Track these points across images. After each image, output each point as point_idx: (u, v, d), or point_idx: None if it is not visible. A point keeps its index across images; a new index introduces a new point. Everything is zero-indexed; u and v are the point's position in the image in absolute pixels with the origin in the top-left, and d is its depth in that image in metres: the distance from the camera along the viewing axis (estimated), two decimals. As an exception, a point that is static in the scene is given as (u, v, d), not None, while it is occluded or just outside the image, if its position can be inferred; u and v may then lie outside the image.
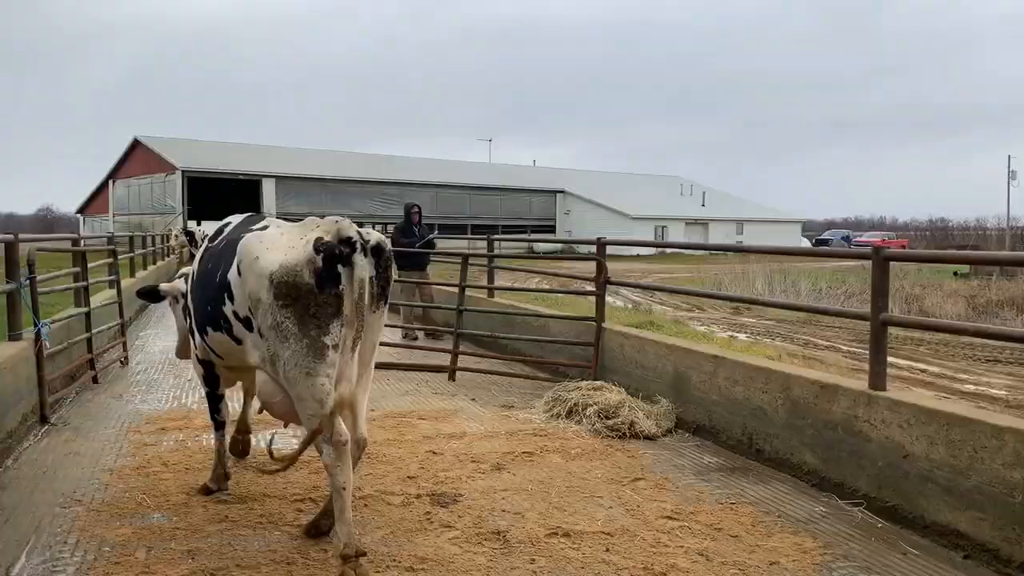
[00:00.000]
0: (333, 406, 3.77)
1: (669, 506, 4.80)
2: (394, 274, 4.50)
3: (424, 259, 11.89)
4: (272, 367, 4.02)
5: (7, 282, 6.40)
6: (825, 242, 61.50)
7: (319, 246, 3.80)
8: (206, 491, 4.88)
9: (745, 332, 15.73)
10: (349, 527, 3.83)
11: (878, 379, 4.88)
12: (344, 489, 3.85)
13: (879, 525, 4.57)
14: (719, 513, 4.71)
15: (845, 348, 14.01)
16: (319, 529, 4.32)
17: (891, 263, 5.11)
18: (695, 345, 6.90)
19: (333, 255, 3.79)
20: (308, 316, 3.80)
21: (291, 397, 3.99)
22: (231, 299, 4.15)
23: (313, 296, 3.78)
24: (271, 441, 4.88)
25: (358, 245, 3.80)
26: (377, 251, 3.95)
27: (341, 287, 3.78)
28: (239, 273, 4.05)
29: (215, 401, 4.97)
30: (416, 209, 12.04)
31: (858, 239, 61.61)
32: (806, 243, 65.39)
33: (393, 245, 10.59)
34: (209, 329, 4.41)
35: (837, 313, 7.28)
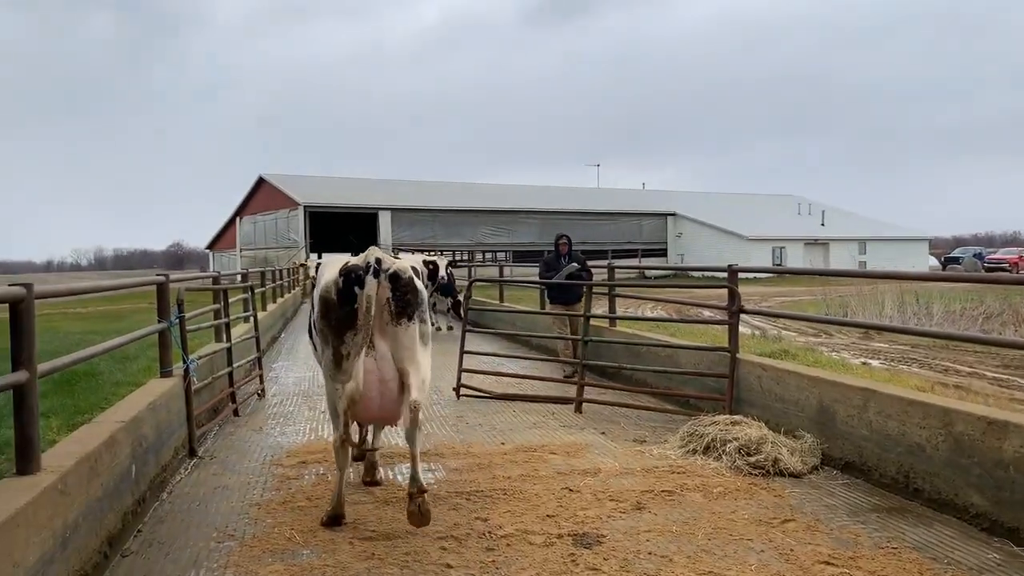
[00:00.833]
0: (345, 406, 4.76)
1: (825, 550, 4.55)
2: (417, 298, 4.99)
3: (571, 292, 11.03)
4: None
5: (159, 321, 6.72)
6: (955, 260, 58.21)
7: (343, 270, 4.80)
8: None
9: (878, 358, 14.98)
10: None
11: (1056, 416, 4.50)
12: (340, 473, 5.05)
13: (1065, 576, 4.20)
14: (881, 559, 4.42)
15: (990, 375, 13.13)
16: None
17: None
18: (841, 377, 6.57)
19: (350, 278, 4.77)
20: (333, 327, 4.79)
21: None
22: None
23: (336, 310, 4.77)
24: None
25: (371, 270, 4.72)
26: (394, 277, 4.84)
27: (356, 305, 4.69)
28: None
29: None
30: (563, 240, 11.42)
31: (991, 256, 58.05)
32: (934, 262, 62.25)
33: (540, 278, 10.73)
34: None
35: (1000, 343, 6.78)
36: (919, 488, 5.36)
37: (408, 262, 5.22)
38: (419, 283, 5.14)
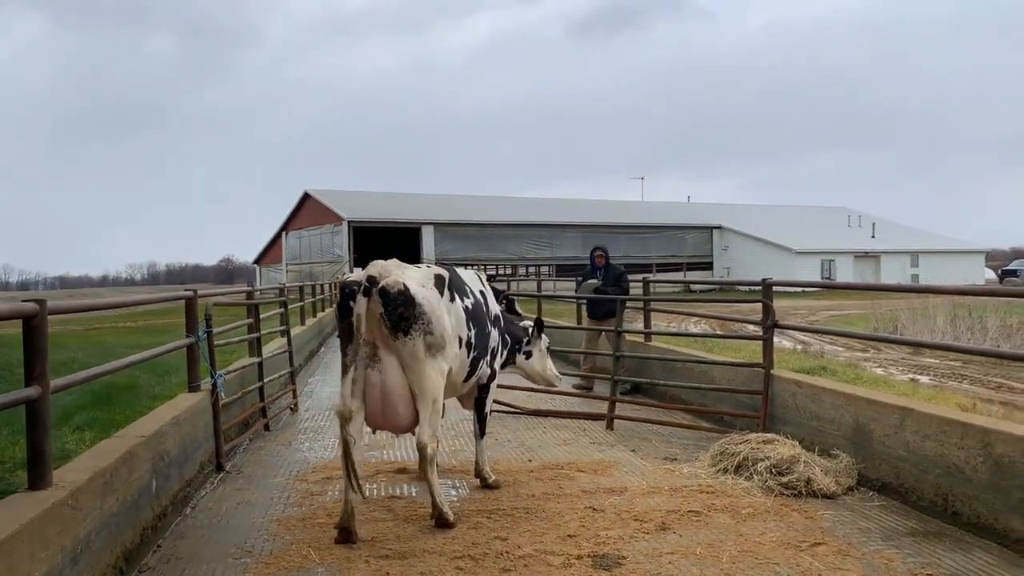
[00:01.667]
0: (341, 410, 5.00)
1: (855, 576, 4.36)
2: (414, 311, 5.02)
3: (601, 307, 10.76)
4: None
5: (187, 335, 6.77)
6: (1013, 272, 56.55)
7: (340, 285, 5.14)
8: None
9: (928, 374, 14.54)
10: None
11: (1102, 437, 4.27)
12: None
13: (1112, 609, 3.95)
14: (914, 587, 4.23)
15: (1046, 392, 12.64)
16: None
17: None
18: (877, 394, 6.34)
19: (344, 293, 5.04)
20: (340, 338, 5.15)
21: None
22: None
23: (338, 323, 5.13)
24: None
25: (361, 287, 4.93)
26: (383, 292, 4.96)
27: (351, 319, 4.94)
28: None
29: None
30: (599, 252, 11.16)
31: (1051, 268, 56.27)
32: (990, 274, 60.57)
33: (577, 289, 10.68)
34: None
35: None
36: (957, 511, 5.13)
37: (414, 275, 5.27)
38: (421, 296, 5.12)
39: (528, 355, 6.88)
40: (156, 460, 5.18)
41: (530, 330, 6.89)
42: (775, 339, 7.82)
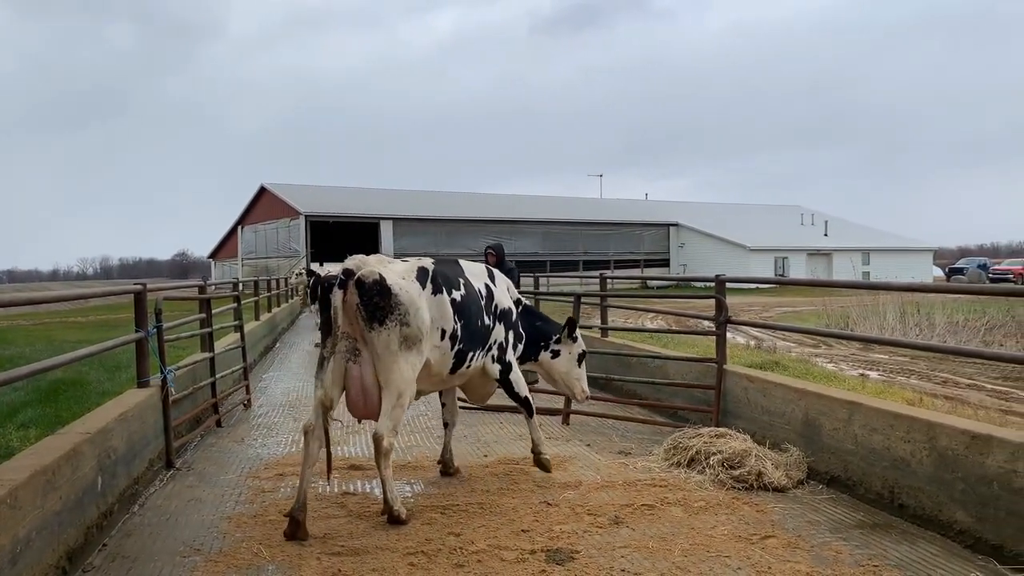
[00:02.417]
0: (315, 402, 5.13)
1: (803, 568, 4.42)
2: (390, 301, 5.10)
3: None
4: None
5: (136, 331, 6.63)
6: (960, 271, 57.92)
7: (320, 279, 5.17)
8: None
9: (877, 370, 14.83)
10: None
11: (1041, 430, 4.38)
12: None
13: (1049, 596, 4.07)
14: (861, 578, 4.30)
15: (989, 387, 12.98)
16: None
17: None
18: (827, 389, 6.45)
19: (323, 287, 5.14)
20: (322, 332, 5.29)
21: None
22: None
23: (320, 316, 5.28)
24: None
25: (338, 280, 5.01)
26: (359, 283, 5.05)
27: (330, 312, 5.04)
28: None
29: None
30: (490, 251, 10.69)
31: (996, 267, 57.77)
32: (938, 272, 61.96)
33: None
34: None
35: (992, 357, 6.67)
36: (904, 504, 5.23)
37: (395, 268, 5.36)
38: (398, 287, 5.17)
39: (555, 354, 6.72)
40: (102, 457, 5.07)
41: (562, 329, 6.70)
42: (728, 335, 7.90)
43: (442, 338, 5.56)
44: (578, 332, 6.81)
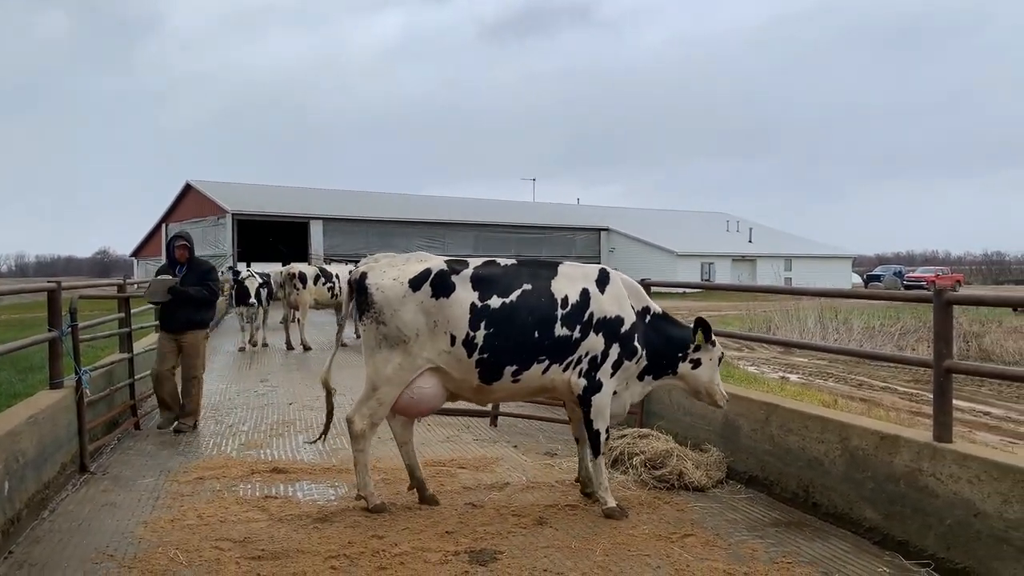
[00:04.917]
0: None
1: (720, 565, 4.54)
2: (363, 299, 5.38)
3: (181, 316, 8.30)
4: None
5: (49, 330, 6.40)
6: (877, 278, 60.04)
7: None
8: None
9: (797, 372, 15.29)
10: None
11: (943, 431, 4.59)
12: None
13: (950, 589, 4.25)
14: (775, 574, 4.43)
15: (902, 389, 13.51)
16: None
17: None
18: (746, 391, 6.62)
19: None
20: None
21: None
22: None
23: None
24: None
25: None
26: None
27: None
28: None
29: None
30: (181, 242, 8.93)
31: (911, 274, 60.08)
32: (857, 279, 64.05)
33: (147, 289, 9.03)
34: None
35: (899, 360, 6.93)
36: (817, 502, 5.41)
37: (393, 269, 5.54)
38: (374, 287, 5.40)
39: (695, 364, 5.73)
40: (9, 461, 4.88)
41: (694, 335, 5.66)
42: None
43: (452, 344, 5.28)
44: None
